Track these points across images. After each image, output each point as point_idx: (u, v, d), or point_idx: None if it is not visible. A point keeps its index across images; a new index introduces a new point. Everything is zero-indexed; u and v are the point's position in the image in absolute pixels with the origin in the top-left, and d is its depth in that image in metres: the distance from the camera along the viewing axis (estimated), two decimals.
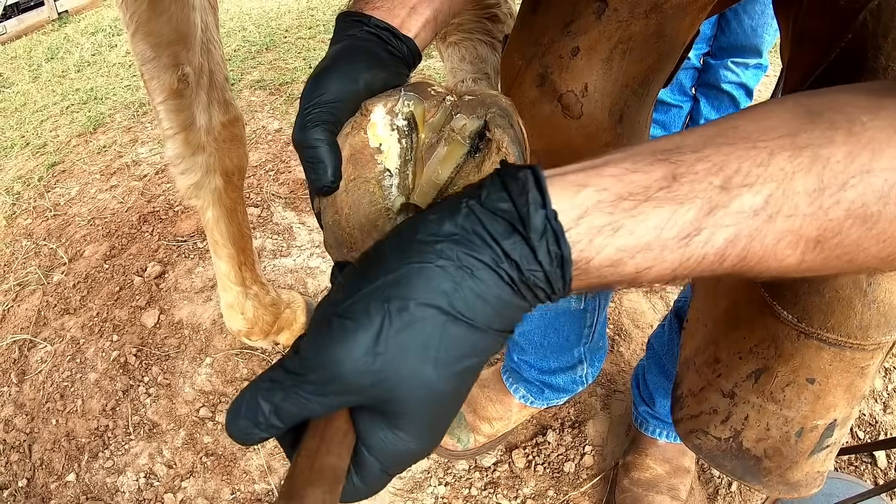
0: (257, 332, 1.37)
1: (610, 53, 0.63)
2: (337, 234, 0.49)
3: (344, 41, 0.51)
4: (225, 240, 1.20)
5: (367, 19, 0.51)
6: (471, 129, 0.51)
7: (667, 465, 1.18)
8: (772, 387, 0.63)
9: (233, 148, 1.14)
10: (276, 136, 2.25)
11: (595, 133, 0.68)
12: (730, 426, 0.68)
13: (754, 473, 0.68)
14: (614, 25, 0.62)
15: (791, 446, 0.66)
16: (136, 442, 1.33)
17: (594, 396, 1.39)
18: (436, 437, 0.34)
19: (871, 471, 1.29)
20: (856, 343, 0.57)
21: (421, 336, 0.31)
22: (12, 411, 1.42)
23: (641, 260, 0.32)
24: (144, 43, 0.99)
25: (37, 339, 1.57)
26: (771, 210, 0.32)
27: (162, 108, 1.06)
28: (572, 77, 0.65)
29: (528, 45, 0.67)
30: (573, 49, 0.64)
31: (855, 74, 0.50)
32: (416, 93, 0.52)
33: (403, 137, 0.51)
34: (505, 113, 0.51)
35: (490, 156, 0.49)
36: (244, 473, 1.26)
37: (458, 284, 0.31)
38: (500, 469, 1.26)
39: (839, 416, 0.64)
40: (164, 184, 2.06)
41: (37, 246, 1.87)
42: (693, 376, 0.74)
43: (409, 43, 0.52)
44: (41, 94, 2.78)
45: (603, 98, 0.66)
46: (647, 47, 0.64)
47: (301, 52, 2.85)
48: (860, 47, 0.50)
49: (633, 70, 0.65)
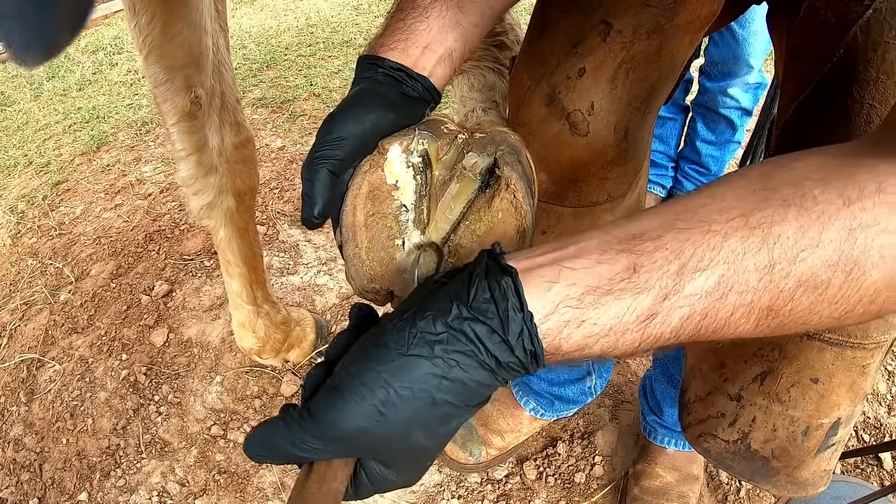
0: (268, 350, 1.38)
1: (615, 73, 0.66)
2: (357, 266, 0.52)
3: (360, 84, 0.54)
4: (237, 259, 1.22)
5: (381, 61, 0.54)
6: (482, 166, 0.54)
7: (676, 473, 1.20)
8: (777, 388, 0.66)
9: (244, 169, 1.16)
10: (280, 153, 2.27)
11: (601, 149, 0.70)
12: (738, 428, 0.70)
13: (763, 474, 0.70)
14: (618, 46, 0.64)
15: (798, 446, 0.68)
16: (148, 460, 1.33)
17: (602, 407, 1.41)
18: (420, 474, 0.44)
19: (877, 473, 1.31)
20: (856, 342, 0.60)
21: (414, 411, 0.38)
22: (22, 430, 1.43)
23: (605, 343, 0.38)
24: (157, 66, 1.01)
25: (45, 359, 1.57)
26: (723, 289, 0.36)
27: (175, 130, 1.07)
28: (579, 96, 0.68)
29: (536, 66, 0.70)
30: (580, 69, 0.66)
31: (847, 87, 0.53)
32: (429, 131, 0.55)
33: (418, 174, 0.54)
34: (514, 150, 0.55)
35: (500, 192, 0.52)
36: (257, 490, 1.27)
37: (447, 374, 0.37)
38: (512, 481, 1.27)
39: (843, 414, 0.66)
40: (169, 202, 2.07)
41: (43, 265, 1.88)
42: (699, 382, 0.76)
43: (425, 81, 0.55)
44: (43, 113, 2.79)
45: (608, 116, 0.68)
46: (649, 66, 0.66)
47: (302, 69, 2.88)
48: (852, 61, 0.53)
49: (637, 88, 0.68)
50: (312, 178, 0.50)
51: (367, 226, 0.52)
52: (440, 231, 0.53)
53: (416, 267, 0.52)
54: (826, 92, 0.56)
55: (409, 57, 0.54)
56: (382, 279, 0.52)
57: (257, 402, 1.42)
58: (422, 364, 0.37)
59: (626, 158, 0.73)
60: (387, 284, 0.52)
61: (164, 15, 0.94)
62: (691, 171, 1.86)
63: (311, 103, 2.60)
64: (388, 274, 0.52)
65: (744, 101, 1.67)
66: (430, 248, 0.53)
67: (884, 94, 0.52)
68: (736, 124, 1.72)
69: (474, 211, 0.53)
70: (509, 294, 0.37)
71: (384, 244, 0.52)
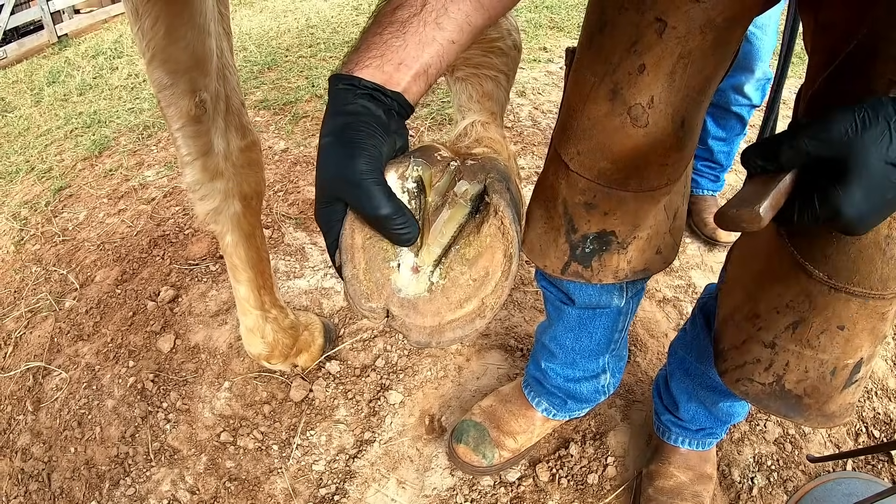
0: (277, 355, 1.37)
1: (673, 68, 0.69)
2: (355, 286, 0.55)
3: (339, 118, 0.55)
4: (244, 264, 1.21)
5: (357, 81, 0.55)
6: (472, 193, 0.59)
7: (690, 473, 1.19)
8: (808, 335, 0.73)
9: (251, 173, 1.15)
10: (283, 156, 2.26)
11: (661, 139, 0.75)
12: (773, 372, 0.77)
13: (797, 410, 0.78)
14: (674, 42, 0.67)
15: (827, 384, 0.75)
16: (158, 468, 1.32)
17: (614, 407, 1.40)
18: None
19: (888, 469, 1.30)
20: (878, 293, 0.67)
21: None
22: (29, 440, 1.42)
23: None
24: (161, 70, 1.00)
25: (51, 367, 1.56)
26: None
27: (180, 135, 1.06)
28: (640, 91, 0.71)
29: (598, 63, 0.73)
30: (640, 66, 0.70)
31: (871, 63, 0.57)
32: (423, 158, 0.60)
33: (413, 199, 0.59)
34: (503, 177, 0.60)
35: (488, 218, 0.58)
36: (269, 497, 1.26)
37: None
38: (525, 483, 1.26)
39: (865, 354, 0.74)
40: (172, 207, 2.06)
41: (47, 272, 1.87)
42: (734, 331, 0.83)
43: (399, 98, 0.57)
44: (44, 119, 2.79)
45: (666, 108, 0.72)
46: (705, 59, 0.69)
47: (303, 70, 2.87)
48: (875, 38, 0.56)
49: (694, 80, 0.71)
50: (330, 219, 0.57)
51: (364, 248, 0.56)
52: (432, 254, 0.57)
53: (410, 288, 0.56)
54: (852, 66, 0.59)
55: (384, 74, 0.56)
56: (379, 299, 0.55)
57: (266, 408, 1.41)
58: None
59: (682, 145, 0.77)
60: (383, 303, 0.55)
61: (167, 18, 0.92)
62: (703, 168, 1.86)
63: (313, 104, 2.59)
64: (385, 294, 0.55)
65: (755, 98, 1.68)
66: (424, 269, 0.57)
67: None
68: (745, 119, 1.74)
69: (464, 236, 0.58)
70: None
71: (380, 266, 0.56)
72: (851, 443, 1.35)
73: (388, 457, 1.32)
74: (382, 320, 0.56)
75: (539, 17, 3.54)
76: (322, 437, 1.36)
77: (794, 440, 1.35)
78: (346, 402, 1.42)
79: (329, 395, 1.44)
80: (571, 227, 0.86)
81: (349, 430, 1.37)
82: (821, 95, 0.64)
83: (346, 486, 1.27)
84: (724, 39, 0.69)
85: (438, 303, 0.55)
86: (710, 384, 1.02)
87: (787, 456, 1.32)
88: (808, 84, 0.69)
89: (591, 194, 0.81)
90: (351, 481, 1.28)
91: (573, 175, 0.81)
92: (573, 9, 3.66)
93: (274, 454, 1.33)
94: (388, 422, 1.38)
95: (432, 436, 1.36)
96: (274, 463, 1.32)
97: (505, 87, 0.90)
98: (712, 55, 0.70)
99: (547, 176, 0.88)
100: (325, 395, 1.43)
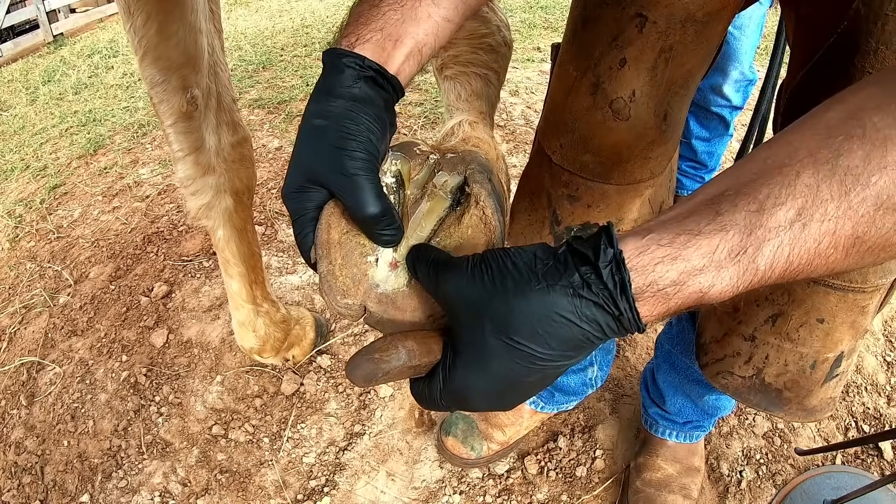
0: (269, 349, 1.38)
1: (654, 62, 0.70)
2: (331, 282, 0.53)
3: (339, 101, 0.51)
4: (236, 259, 1.22)
5: (361, 60, 0.51)
6: (452, 184, 0.57)
7: (677, 465, 1.20)
8: (787, 328, 0.73)
9: (242, 168, 1.17)
10: (277, 154, 2.27)
11: (643, 132, 0.75)
12: (752, 365, 0.77)
13: (777, 404, 0.78)
14: (655, 36, 0.68)
15: (807, 377, 0.75)
16: (150, 461, 1.33)
17: (602, 401, 1.41)
18: None
19: (877, 463, 1.31)
20: (857, 286, 0.66)
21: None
22: (23, 433, 1.43)
23: (703, 281, 0.40)
24: (153, 67, 1.01)
25: (45, 362, 1.57)
26: (804, 219, 0.38)
27: (172, 131, 1.07)
28: (621, 85, 0.72)
29: (580, 58, 0.74)
30: (621, 60, 0.70)
31: (851, 56, 0.58)
32: (402, 152, 0.57)
33: (392, 193, 0.56)
34: (484, 168, 0.57)
35: (469, 209, 0.55)
36: (259, 489, 1.27)
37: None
38: (514, 476, 1.27)
39: (845, 348, 0.73)
40: (166, 204, 2.07)
41: (41, 268, 1.88)
42: (714, 325, 0.83)
43: (395, 82, 0.54)
44: (39, 117, 2.79)
45: (649, 101, 0.72)
46: (686, 53, 0.70)
47: (298, 69, 2.88)
48: (855, 32, 0.57)
49: (676, 74, 0.72)
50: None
51: (340, 243, 0.53)
52: (411, 248, 0.55)
53: (388, 283, 0.54)
54: (832, 60, 0.60)
55: (384, 52, 0.53)
56: (355, 295, 0.53)
57: (258, 402, 1.43)
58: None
59: (665, 138, 0.77)
60: (360, 300, 0.53)
61: (159, 16, 0.94)
62: (688, 168, 1.87)
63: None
64: (361, 290, 0.53)
65: (734, 100, 1.69)
66: (402, 264, 0.54)
67: (883, 63, 0.56)
68: (728, 120, 1.75)
69: (445, 228, 0.55)
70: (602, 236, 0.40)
71: (357, 261, 0.54)
72: (841, 437, 1.36)
73: (377, 449, 1.33)
74: (359, 317, 0.54)
75: (533, 18, 3.56)
76: (313, 430, 1.37)
77: (783, 434, 1.36)
78: (336, 396, 1.44)
79: (320, 388, 1.45)
80: (555, 220, 0.87)
81: (339, 423, 1.38)
82: (802, 89, 0.65)
83: (336, 478, 1.28)
84: (705, 34, 0.70)
85: (418, 297, 0.53)
86: (696, 377, 1.03)
87: (776, 450, 1.33)
88: (790, 78, 0.69)
89: (574, 187, 0.82)
90: (341, 473, 1.29)
91: (556, 168, 0.82)
92: (567, 9, 3.68)
93: (265, 447, 1.34)
94: (378, 415, 1.40)
95: (422, 429, 1.37)
96: (265, 455, 1.33)
97: (495, 86, 0.89)
98: (694, 50, 0.70)
99: (531, 169, 0.89)
100: (316, 389, 1.45)
